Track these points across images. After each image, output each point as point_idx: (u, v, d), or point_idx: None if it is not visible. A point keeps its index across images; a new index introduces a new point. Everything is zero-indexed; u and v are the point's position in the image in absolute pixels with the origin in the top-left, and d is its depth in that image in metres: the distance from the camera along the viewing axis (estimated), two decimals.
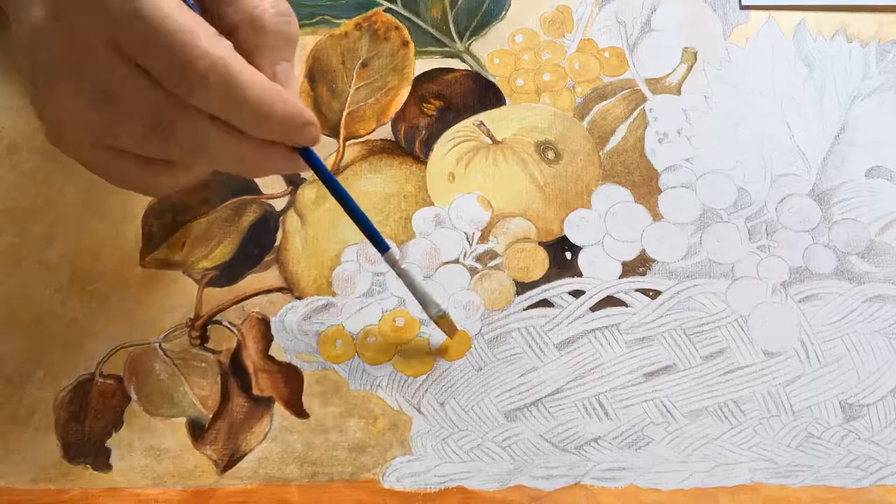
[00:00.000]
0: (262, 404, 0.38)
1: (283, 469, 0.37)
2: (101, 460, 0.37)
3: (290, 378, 0.38)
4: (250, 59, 0.32)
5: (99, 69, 0.29)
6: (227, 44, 0.30)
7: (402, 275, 0.36)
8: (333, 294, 0.40)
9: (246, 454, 0.37)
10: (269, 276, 0.41)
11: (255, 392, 0.38)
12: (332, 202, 0.41)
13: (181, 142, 0.30)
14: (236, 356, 0.39)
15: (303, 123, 0.31)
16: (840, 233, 0.40)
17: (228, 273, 0.41)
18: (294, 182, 0.43)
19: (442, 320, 0.38)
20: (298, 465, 0.37)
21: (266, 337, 0.39)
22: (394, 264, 0.36)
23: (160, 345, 0.39)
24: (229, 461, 0.37)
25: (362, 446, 0.37)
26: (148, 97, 0.29)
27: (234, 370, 0.39)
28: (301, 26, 0.46)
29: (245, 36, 0.32)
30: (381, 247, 0.35)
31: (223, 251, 0.41)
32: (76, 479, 0.37)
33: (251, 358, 0.39)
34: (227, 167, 0.34)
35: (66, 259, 0.41)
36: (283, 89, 0.31)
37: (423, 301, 0.37)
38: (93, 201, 0.42)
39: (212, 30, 0.29)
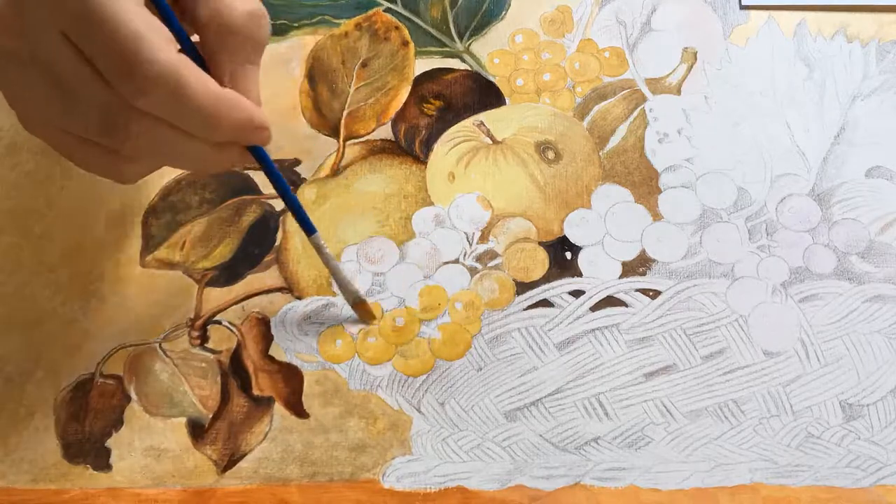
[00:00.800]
0: (262, 404, 0.38)
1: (283, 469, 0.37)
2: (101, 460, 0.37)
3: (290, 378, 0.38)
4: (211, 58, 0.31)
5: (52, 59, 0.29)
6: (179, 53, 0.29)
7: (325, 258, 0.37)
8: (333, 294, 0.40)
9: (246, 454, 0.37)
10: (269, 276, 0.41)
11: (255, 392, 0.38)
12: (332, 202, 0.42)
13: (134, 140, 0.30)
14: (236, 356, 0.39)
15: (253, 129, 0.31)
16: (840, 233, 0.40)
17: (228, 273, 0.41)
18: (294, 182, 0.43)
19: (358, 306, 0.38)
20: (298, 465, 0.37)
21: (266, 337, 0.39)
22: (318, 248, 0.36)
23: (160, 345, 0.39)
24: (229, 461, 0.37)
25: (362, 446, 0.37)
26: (99, 93, 0.29)
27: (234, 370, 0.39)
28: (301, 26, 0.47)
29: (210, 34, 0.31)
30: (309, 230, 0.36)
31: (223, 251, 0.41)
32: (76, 479, 0.37)
33: (251, 358, 0.39)
34: (182, 166, 0.34)
35: (66, 259, 0.41)
36: (236, 95, 0.30)
37: (342, 286, 0.38)
38: (93, 201, 0.42)
39: (166, 34, 0.29)
